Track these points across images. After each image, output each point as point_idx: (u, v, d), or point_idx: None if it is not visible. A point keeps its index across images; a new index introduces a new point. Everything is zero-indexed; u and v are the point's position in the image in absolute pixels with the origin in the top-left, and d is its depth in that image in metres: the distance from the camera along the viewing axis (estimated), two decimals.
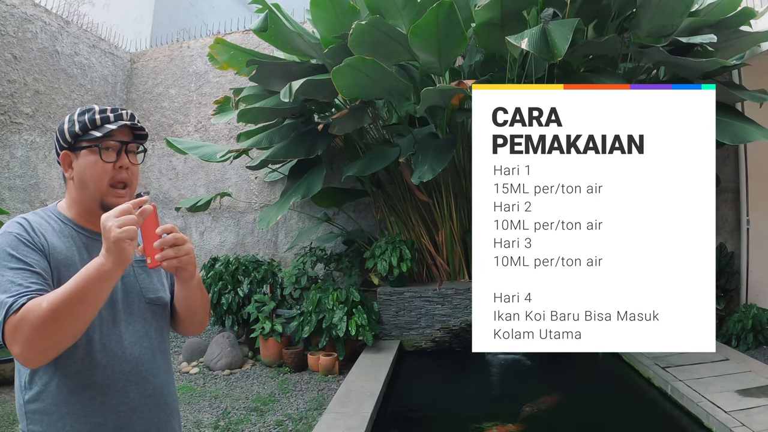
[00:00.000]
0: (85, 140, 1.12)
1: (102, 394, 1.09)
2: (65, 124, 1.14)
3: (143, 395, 1.14)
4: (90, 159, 1.12)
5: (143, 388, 1.14)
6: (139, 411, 1.13)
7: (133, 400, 1.12)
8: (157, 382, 1.18)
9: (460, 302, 4.66)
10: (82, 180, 1.13)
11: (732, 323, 4.65)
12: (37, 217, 1.13)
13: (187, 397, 3.83)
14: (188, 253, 1.09)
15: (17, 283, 0.99)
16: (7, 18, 5.25)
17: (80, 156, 1.12)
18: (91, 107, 1.15)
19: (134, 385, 1.13)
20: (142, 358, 1.15)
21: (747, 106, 4.73)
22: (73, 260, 1.10)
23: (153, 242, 1.06)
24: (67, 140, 1.13)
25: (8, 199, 5.25)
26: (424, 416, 3.54)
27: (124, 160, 1.14)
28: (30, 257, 1.03)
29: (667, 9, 3.84)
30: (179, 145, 5.40)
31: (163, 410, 1.19)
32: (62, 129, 1.14)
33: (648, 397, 3.64)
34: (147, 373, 1.15)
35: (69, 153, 1.13)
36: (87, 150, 1.12)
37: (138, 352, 1.15)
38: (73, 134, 1.12)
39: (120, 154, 1.14)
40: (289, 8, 4.81)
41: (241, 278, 4.96)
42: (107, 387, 1.09)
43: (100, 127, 1.12)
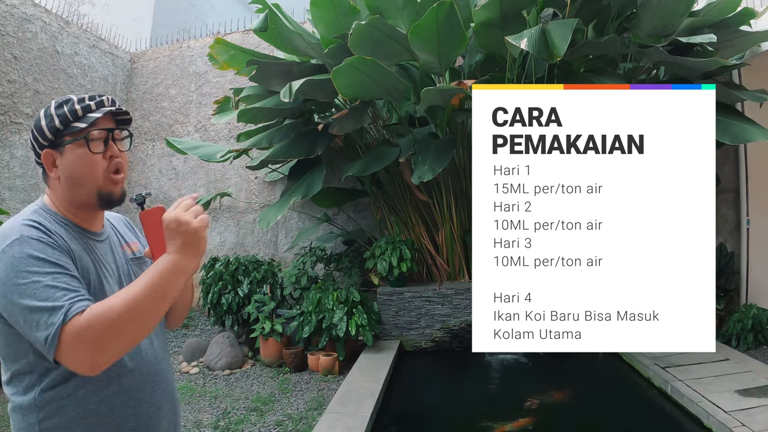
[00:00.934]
0: (68, 134, 1.03)
1: (134, 399, 1.06)
2: (42, 120, 1.04)
3: (165, 393, 1.14)
4: (78, 153, 1.03)
5: (165, 387, 1.14)
6: (164, 410, 1.13)
7: (159, 400, 1.12)
8: (171, 379, 1.19)
9: (460, 302, 4.66)
10: (73, 176, 1.04)
11: (732, 323, 4.65)
12: (39, 217, 1.03)
13: (187, 397, 3.83)
14: None
15: (61, 288, 0.91)
16: (7, 18, 5.25)
17: (65, 152, 1.04)
18: (68, 98, 1.06)
19: (158, 385, 1.12)
20: (159, 357, 1.15)
21: (747, 106, 4.73)
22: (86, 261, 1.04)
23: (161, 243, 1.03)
24: (47, 137, 1.04)
25: (8, 199, 5.25)
26: (424, 416, 3.54)
27: (114, 149, 1.07)
28: (61, 259, 0.97)
29: (667, 9, 3.84)
30: (179, 146, 5.40)
31: (176, 404, 1.20)
32: (39, 126, 1.04)
33: (648, 397, 3.64)
34: (164, 371, 1.16)
35: (51, 151, 1.04)
36: (72, 144, 1.03)
37: (155, 352, 1.14)
38: (53, 130, 1.03)
39: (108, 142, 1.06)
40: (289, 8, 4.81)
41: (241, 278, 4.96)
42: (137, 390, 1.07)
43: (82, 118, 1.04)
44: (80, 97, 1.07)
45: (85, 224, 1.10)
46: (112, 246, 1.16)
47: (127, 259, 1.17)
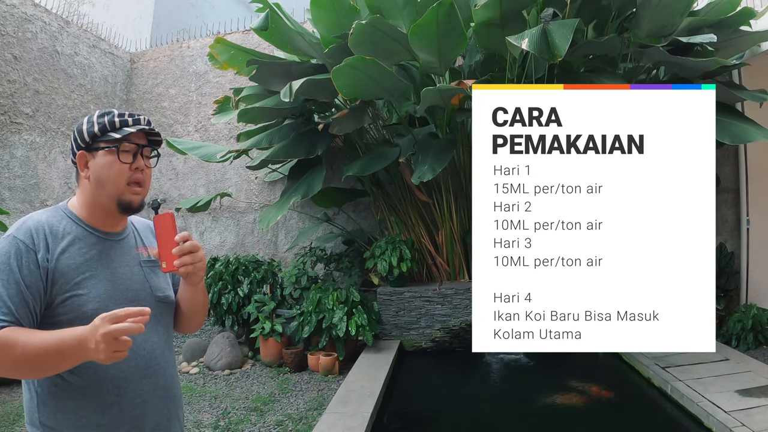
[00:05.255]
0: (104, 141, 1.16)
1: (118, 387, 1.13)
2: (84, 125, 1.17)
3: (155, 388, 1.20)
4: (107, 159, 1.15)
5: (156, 381, 1.20)
6: (151, 403, 1.19)
7: (146, 392, 1.18)
8: (166, 375, 1.24)
9: (460, 302, 4.66)
10: (99, 179, 1.16)
11: (732, 323, 4.65)
12: (51, 218, 1.15)
13: (187, 397, 3.83)
14: (202, 260, 1.19)
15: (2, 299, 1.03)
16: (7, 18, 5.25)
17: (97, 156, 1.16)
18: (110, 111, 1.19)
19: (148, 378, 1.18)
20: (155, 352, 1.21)
21: (747, 106, 4.73)
22: (79, 263, 1.13)
23: (170, 248, 1.14)
24: (85, 140, 1.16)
25: (8, 199, 5.25)
26: (424, 416, 3.54)
27: (140, 162, 1.19)
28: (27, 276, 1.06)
29: (667, 9, 3.84)
30: (179, 146, 5.39)
31: (172, 401, 1.25)
32: (81, 129, 1.17)
33: (648, 397, 3.64)
34: (159, 366, 1.21)
35: (86, 153, 1.17)
36: (105, 150, 1.15)
37: (150, 347, 1.20)
38: (91, 134, 1.16)
39: (136, 156, 1.18)
40: (289, 8, 4.81)
41: (241, 278, 4.96)
42: (124, 380, 1.14)
43: (118, 130, 1.16)
44: (121, 112, 1.19)
45: (102, 226, 1.21)
46: (129, 247, 1.25)
47: (141, 260, 1.26)
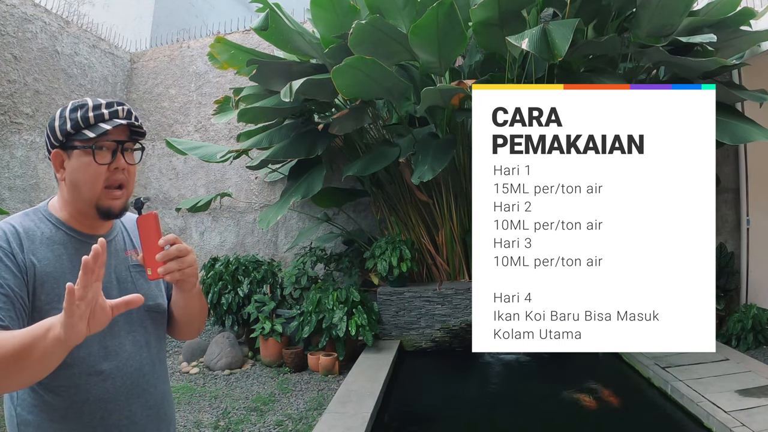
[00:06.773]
0: (78, 140, 1.02)
1: (102, 409, 1.04)
2: (56, 121, 1.04)
3: (144, 407, 1.11)
4: (83, 161, 1.02)
5: (144, 401, 1.11)
6: (140, 424, 1.10)
7: (135, 414, 1.08)
8: (157, 393, 1.14)
9: (460, 302, 4.66)
10: (75, 183, 1.04)
11: (732, 323, 4.65)
12: (27, 221, 1.04)
13: (187, 397, 3.83)
14: (191, 265, 1.03)
15: None
16: (7, 18, 5.25)
17: (72, 156, 1.03)
18: (83, 102, 1.05)
19: (136, 398, 1.09)
20: (143, 369, 1.11)
21: (747, 106, 4.73)
22: (63, 270, 1.02)
23: (154, 253, 0.99)
24: (58, 138, 1.03)
25: (8, 199, 5.25)
26: (424, 416, 3.54)
27: (120, 161, 1.05)
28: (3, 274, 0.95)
29: (667, 9, 3.84)
30: (179, 146, 5.39)
31: (163, 420, 1.16)
32: (53, 126, 1.04)
33: (648, 397, 3.64)
34: (148, 384, 1.12)
35: (60, 152, 1.04)
36: (80, 150, 1.02)
37: (139, 363, 1.10)
38: (64, 132, 1.03)
39: (116, 154, 1.04)
40: (289, 8, 4.81)
41: (241, 278, 4.96)
42: (108, 401, 1.04)
43: (93, 127, 1.02)
44: (96, 104, 1.05)
45: (85, 228, 1.09)
46: (115, 250, 1.13)
47: (129, 264, 1.15)
